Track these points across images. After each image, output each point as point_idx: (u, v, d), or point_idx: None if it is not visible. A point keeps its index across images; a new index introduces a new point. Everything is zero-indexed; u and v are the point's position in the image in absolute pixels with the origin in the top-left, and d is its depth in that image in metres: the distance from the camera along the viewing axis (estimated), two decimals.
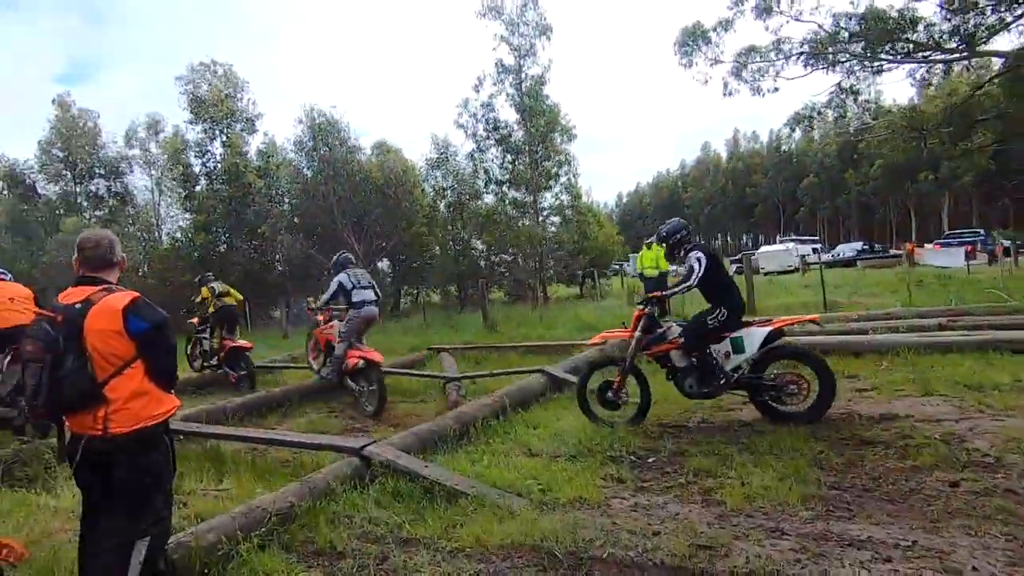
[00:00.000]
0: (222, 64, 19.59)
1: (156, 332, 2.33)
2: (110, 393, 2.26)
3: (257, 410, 6.62)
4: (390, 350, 11.45)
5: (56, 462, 4.55)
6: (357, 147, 18.11)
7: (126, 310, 2.28)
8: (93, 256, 2.40)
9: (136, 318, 2.29)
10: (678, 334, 4.69)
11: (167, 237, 22.67)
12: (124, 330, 2.28)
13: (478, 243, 20.76)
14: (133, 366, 2.31)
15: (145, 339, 2.31)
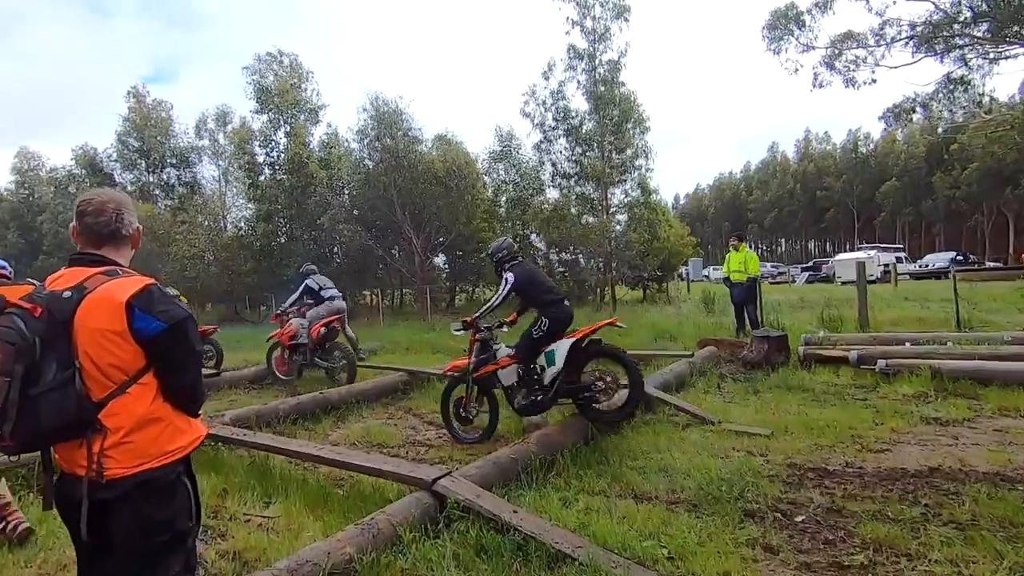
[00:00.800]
0: (288, 54, 19.69)
1: (175, 334, 1.61)
2: (108, 420, 1.55)
3: (311, 412, 6.03)
4: (449, 350, 10.81)
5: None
6: (420, 138, 17.67)
7: (131, 303, 1.57)
8: (94, 225, 1.70)
9: (146, 315, 1.58)
10: (508, 354, 4.90)
11: (232, 226, 23.06)
12: (129, 330, 1.57)
13: (538, 241, 19.92)
14: (142, 382, 1.61)
15: (159, 344, 1.58)
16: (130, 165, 24.93)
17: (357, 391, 6.61)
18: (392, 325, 15.58)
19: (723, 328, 9.80)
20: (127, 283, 1.61)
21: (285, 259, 19.77)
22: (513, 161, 18.35)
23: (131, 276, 1.66)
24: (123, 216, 1.76)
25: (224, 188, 25.04)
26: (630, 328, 11.06)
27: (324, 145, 20.68)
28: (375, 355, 10.57)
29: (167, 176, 25.74)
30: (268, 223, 19.90)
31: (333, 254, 20.90)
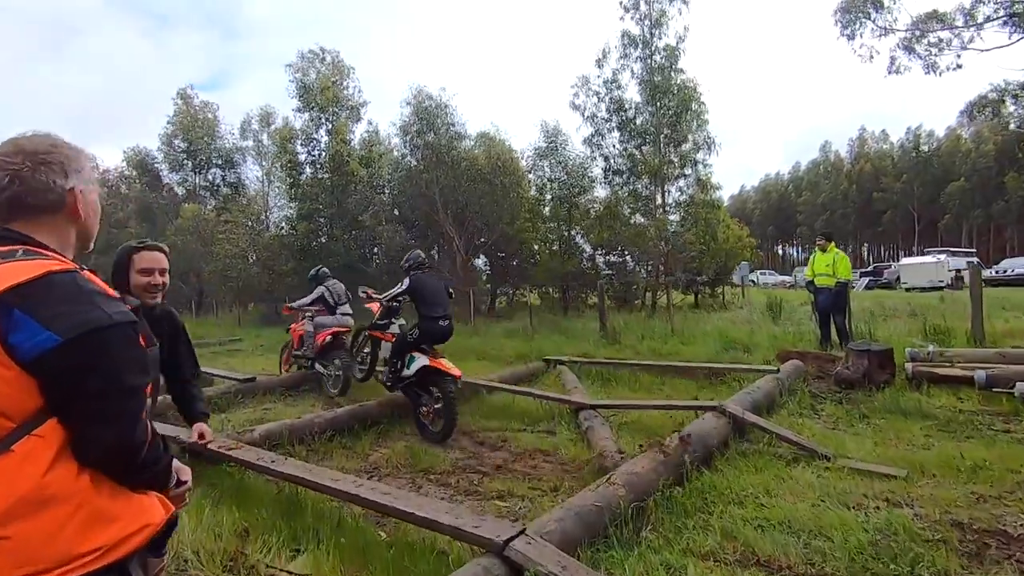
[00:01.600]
0: (329, 51, 19.46)
1: (78, 353, 0.94)
2: None
3: (349, 427, 5.40)
4: (495, 357, 10.09)
5: None
6: (463, 133, 17.06)
7: (7, 300, 0.91)
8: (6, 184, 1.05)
9: (31, 320, 0.89)
10: (394, 333, 6.01)
11: (274, 226, 23.06)
12: (2, 346, 0.90)
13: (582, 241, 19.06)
14: (36, 434, 0.93)
15: (51, 369, 0.94)
16: (177, 166, 25.31)
17: (400, 402, 5.93)
18: None
19: (803, 339, 8.76)
20: (16, 269, 0.93)
21: (325, 259, 19.50)
22: (559, 158, 17.55)
23: (38, 260, 0.98)
24: (51, 169, 1.08)
25: (267, 188, 25.14)
26: (692, 336, 10.14)
27: (365, 143, 20.36)
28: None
29: (212, 177, 26.03)
30: (309, 222, 19.69)
31: (372, 254, 20.54)
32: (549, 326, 12.84)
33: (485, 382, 6.63)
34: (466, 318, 15.91)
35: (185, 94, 25.47)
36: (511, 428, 5.68)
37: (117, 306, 1.04)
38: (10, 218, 1.06)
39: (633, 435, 5.08)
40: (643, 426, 5.35)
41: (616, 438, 4.77)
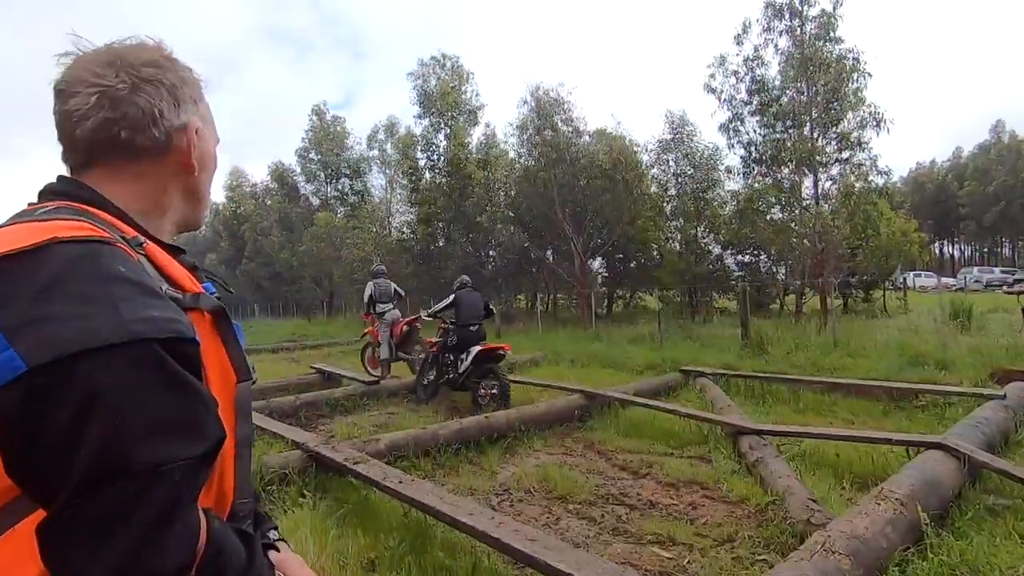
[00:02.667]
0: (450, 57, 19.81)
1: (59, 395, 0.46)
2: None
3: (475, 440, 4.96)
4: (621, 365, 9.29)
5: None
6: (583, 129, 16.41)
7: None
8: (64, 122, 0.65)
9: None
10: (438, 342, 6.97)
11: (395, 231, 24.03)
12: None
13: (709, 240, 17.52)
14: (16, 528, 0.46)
15: (14, 423, 0.46)
16: (311, 177, 27.36)
17: (527, 416, 5.41)
18: (551, 332, 14.47)
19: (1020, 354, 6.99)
20: (8, 235, 0.44)
21: (443, 262, 19.87)
22: (686, 150, 16.24)
23: (56, 221, 0.49)
24: (135, 96, 0.60)
25: (390, 195, 26.34)
26: (860, 347, 8.60)
27: (482, 145, 20.48)
28: (538, 366, 9.46)
29: (342, 186, 27.81)
30: (427, 226, 20.16)
31: (489, 257, 20.57)
32: (677, 332, 11.75)
33: (620, 395, 5.90)
34: (586, 322, 15.22)
35: (319, 110, 27.51)
36: (655, 451, 4.92)
37: (157, 308, 0.53)
38: (90, 161, 0.67)
39: (817, 472, 4.10)
40: (826, 460, 4.33)
41: (798, 476, 3.84)
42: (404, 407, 6.99)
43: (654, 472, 4.44)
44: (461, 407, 6.74)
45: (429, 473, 4.41)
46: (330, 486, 3.87)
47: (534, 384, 6.98)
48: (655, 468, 4.50)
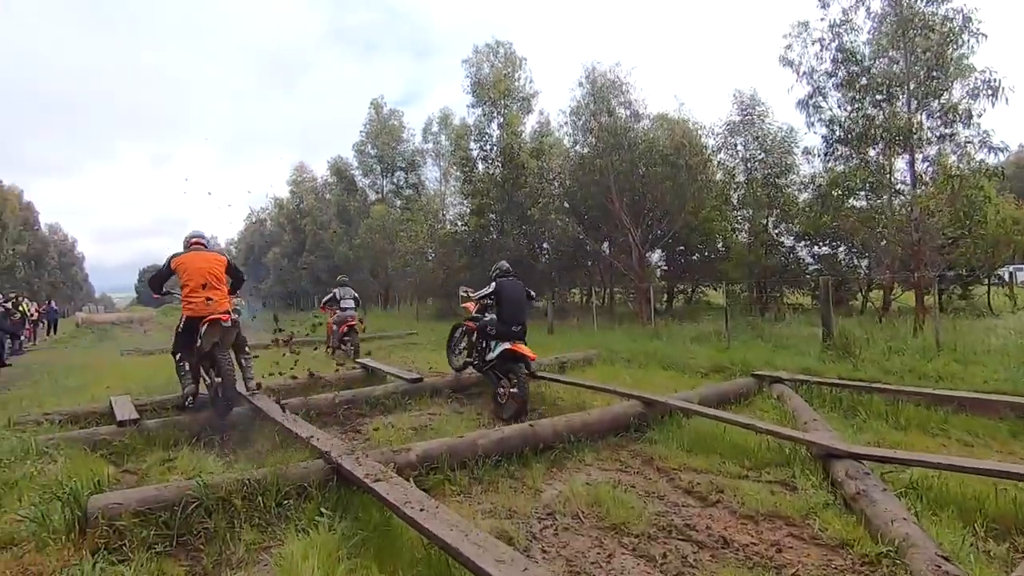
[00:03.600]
0: (503, 44, 19.30)
1: None
2: None
3: (518, 452, 4.43)
4: (683, 367, 8.47)
5: None
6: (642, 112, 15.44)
7: None
8: None
9: None
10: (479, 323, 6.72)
11: (449, 223, 23.90)
12: None
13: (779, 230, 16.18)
14: None
15: None
16: (368, 171, 27.67)
17: (577, 424, 4.82)
18: (606, 329, 13.73)
19: None
20: None
21: (495, 254, 19.46)
22: (756, 132, 14.97)
23: None
24: None
25: (443, 187, 26.23)
26: (971, 352, 7.43)
27: (536, 134, 19.89)
28: (591, 366, 8.83)
29: (397, 179, 27.99)
30: (480, 217, 19.82)
31: (542, 249, 19.99)
32: (746, 331, 10.77)
33: (683, 403, 5.20)
34: (644, 319, 14.38)
35: (376, 104, 27.74)
36: (726, 471, 4.22)
37: None
38: None
39: (939, 514, 3.30)
40: (947, 496, 3.51)
41: (916, 519, 3.07)
42: (447, 407, 6.57)
43: (726, 499, 3.76)
44: None
45: (465, 489, 3.93)
46: (352, 503, 3.45)
47: (586, 386, 6.36)
48: (727, 494, 3.82)
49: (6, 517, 3.25)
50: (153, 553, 2.86)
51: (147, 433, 4.92)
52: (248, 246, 55.69)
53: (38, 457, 4.33)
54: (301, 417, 5.34)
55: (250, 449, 4.82)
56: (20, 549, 2.90)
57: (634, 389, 6.09)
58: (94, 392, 7.73)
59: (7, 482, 3.81)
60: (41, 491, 3.52)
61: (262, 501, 3.24)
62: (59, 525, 2.96)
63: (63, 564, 2.73)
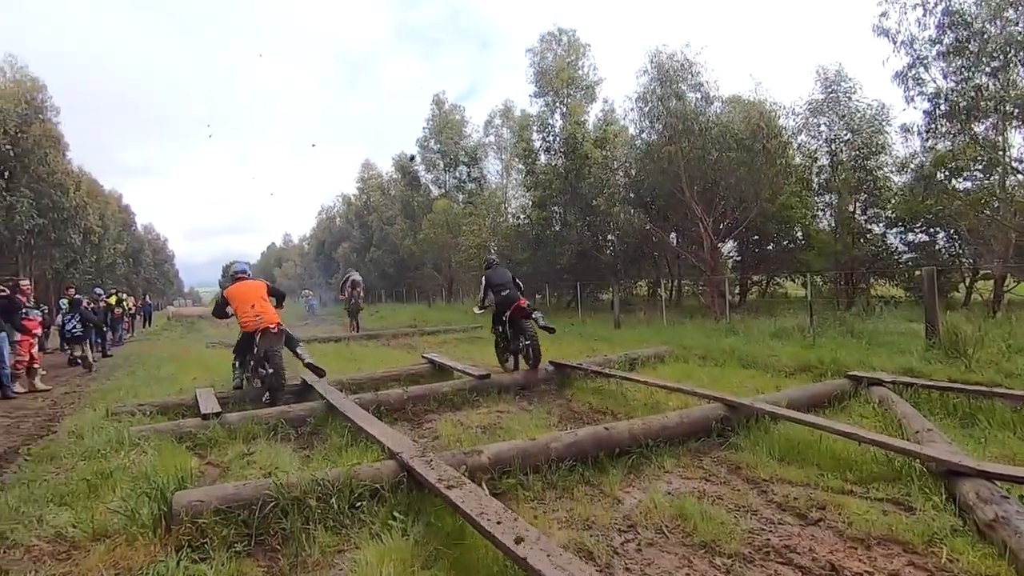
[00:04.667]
0: (566, 31, 18.89)
1: None
2: None
3: (593, 456, 4.20)
4: (765, 365, 7.90)
5: None
6: (713, 95, 14.58)
7: None
8: None
9: None
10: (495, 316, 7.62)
11: (511, 216, 23.81)
12: None
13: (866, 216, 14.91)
14: None
15: None
16: (431, 166, 28.05)
17: (655, 428, 4.53)
18: (676, 324, 13.17)
19: None
20: None
21: (558, 247, 19.18)
22: (842, 111, 13.80)
23: None
24: None
25: (505, 180, 26.17)
26: None
27: (600, 122, 19.36)
28: (663, 363, 8.43)
29: (459, 174, 28.22)
30: (542, 210, 19.57)
31: (607, 241, 19.50)
32: (833, 326, 9.97)
33: (771, 407, 4.78)
34: (716, 312, 13.70)
35: (439, 100, 28.04)
36: (825, 485, 3.81)
37: None
38: None
39: None
40: None
41: None
42: (514, 405, 6.43)
43: (829, 517, 3.38)
44: (578, 411, 6.03)
45: (539, 495, 3.75)
46: (425, 507, 3.35)
47: (660, 386, 6.01)
48: (830, 511, 3.43)
49: (101, 508, 3.39)
50: (233, 553, 2.88)
51: (228, 426, 5.08)
52: (319, 242, 58.16)
53: (131, 448, 4.55)
54: (372, 412, 5.37)
55: (324, 445, 4.87)
56: (112, 542, 2.99)
57: (714, 390, 5.70)
58: (182, 383, 8.18)
59: (103, 472, 4.00)
60: (132, 483, 3.65)
61: (336, 503, 3.20)
62: (147, 520, 3.04)
63: (150, 560, 2.78)
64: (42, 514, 3.41)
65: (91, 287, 18.67)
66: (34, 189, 23.10)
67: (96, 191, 36.30)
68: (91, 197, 31.97)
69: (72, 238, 27.01)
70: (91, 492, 3.72)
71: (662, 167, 14.61)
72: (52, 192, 24.33)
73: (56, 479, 4.07)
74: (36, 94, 24.05)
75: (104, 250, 35.09)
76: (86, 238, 29.93)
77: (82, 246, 29.32)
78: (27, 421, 6.64)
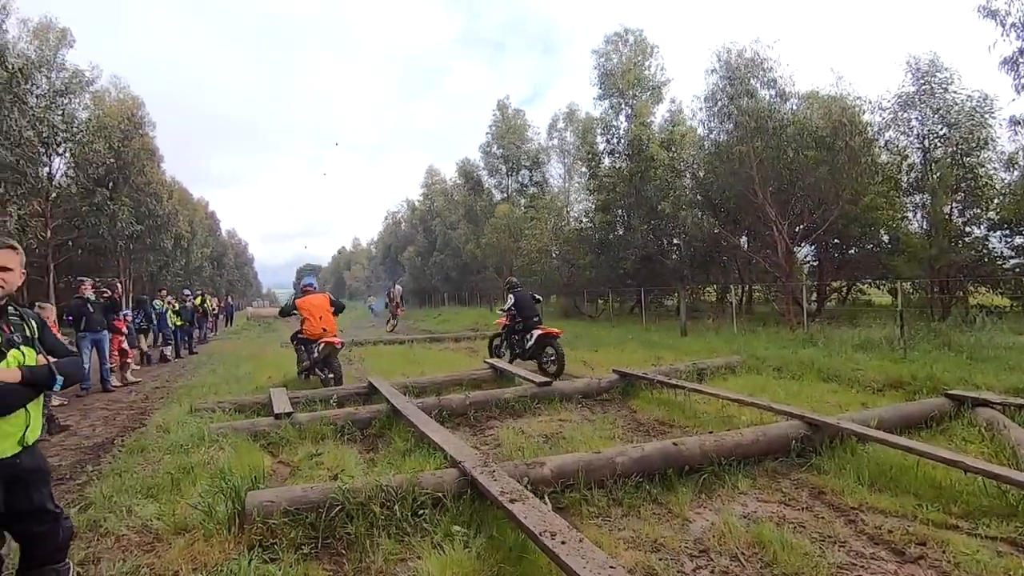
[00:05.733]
0: (633, 31, 18.50)
1: None
2: None
3: (661, 472, 4.00)
4: (849, 380, 7.34)
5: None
6: (790, 91, 13.79)
7: None
8: None
9: None
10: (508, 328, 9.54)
11: (573, 220, 23.60)
12: None
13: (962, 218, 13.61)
14: None
15: None
16: (493, 170, 28.30)
17: (727, 445, 4.26)
18: (748, 332, 12.55)
19: None
20: None
21: (622, 251, 18.78)
22: (937, 104, 12.66)
23: None
24: None
25: (568, 184, 25.98)
26: None
27: (666, 123, 18.82)
28: (735, 374, 8.02)
29: (522, 178, 28.30)
30: (606, 213, 19.24)
31: (673, 245, 18.90)
32: (927, 338, 9.14)
33: (857, 427, 4.40)
34: (792, 320, 12.93)
35: (502, 105, 28.28)
36: (925, 517, 3.43)
37: None
38: None
39: None
40: None
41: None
42: (576, 414, 6.29)
43: (931, 555, 3.04)
44: (644, 423, 5.81)
45: (603, 511, 3.61)
46: (487, 518, 3.30)
47: (733, 400, 5.67)
48: (931, 548, 3.09)
49: (182, 503, 3.56)
50: (300, 555, 2.93)
51: (299, 426, 5.25)
52: (386, 246, 60.13)
53: (210, 444, 4.79)
54: (434, 417, 5.39)
55: (388, 448, 4.93)
56: (192, 536, 3.13)
57: (793, 405, 5.33)
58: (258, 381, 8.61)
59: (185, 467, 4.22)
60: (210, 480, 3.83)
61: (399, 510, 3.20)
62: (222, 517, 3.16)
63: (225, 557, 2.88)
64: (131, 505, 3.62)
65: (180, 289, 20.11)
66: (133, 198, 25.22)
67: (186, 199, 39.24)
68: (181, 205, 34.60)
69: (165, 243, 29.29)
70: (174, 486, 3.93)
71: (733, 168, 13.96)
72: (148, 200, 26.49)
73: (144, 471, 4.33)
74: (136, 111, 26.27)
75: (192, 254, 37.82)
76: (177, 243, 32.37)
77: (173, 250, 31.73)
78: (122, 414, 7.17)
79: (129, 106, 25.90)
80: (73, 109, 21.21)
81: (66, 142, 20.04)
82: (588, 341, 13.26)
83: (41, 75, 19.34)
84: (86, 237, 23.30)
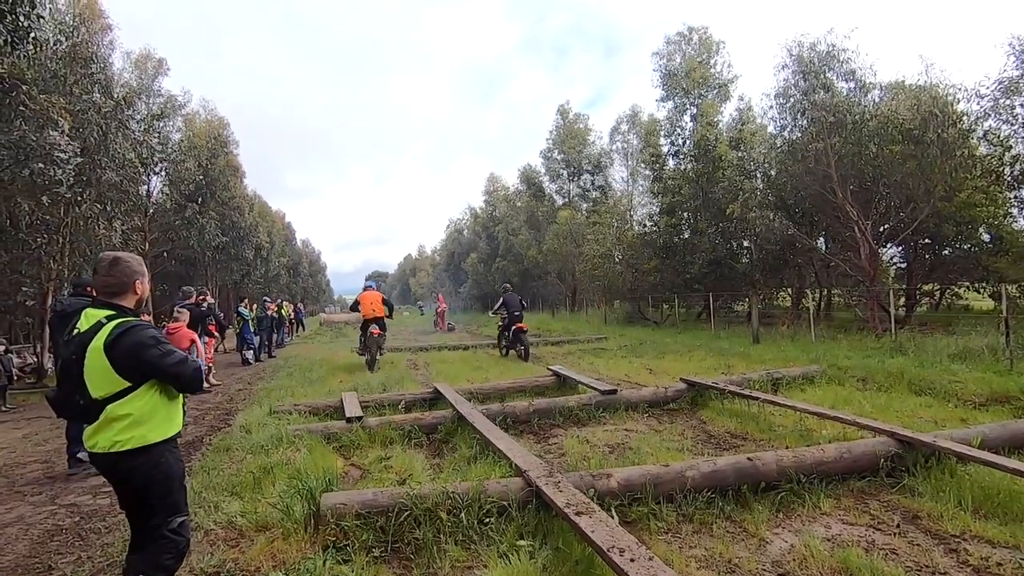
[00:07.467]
0: (697, 29, 17.93)
1: None
2: None
3: (734, 488, 3.82)
4: (944, 392, 6.75)
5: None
6: (871, 82, 12.90)
7: None
8: None
9: None
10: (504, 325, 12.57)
11: (637, 224, 23.16)
12: None
13: None
14: None
15: None
16: (554, 176, 28.26)
17: (808, 461, 4.02)
18: (827, 339, 11.81)
19: None
20: None
21: (688, 255, 18.20)
22: None
23: None
24: None
25: (631, 187, 25.54)
26: None
27: (734, 122, 18.11)
28: (813, 385, 7.55)
29: (583, 183, 28.09)
30: (671, 217, 18.73)
31: (742, 248, 18.11)
32: None
33: (957, 446, 4.02)
34: (877, 327, 12.05)
35: (563, 110, 28.24)
36: None
37: None
38: None
39: None
40: None
41: None
42: (642, 423, 6.14)
43: None
44: (715, 435, 5.58)
45: (672, 527, 3.50)
46: (553, 529, 3.27)
47: (813, 413, 5.33)
48: None
49: (263, 501, 3.76)
50: (371, 557, 3.02)
51: (369, 430, 5.43)
52: (449, 253, 61.39)
53: (288, 445, 5.05)
54: (498, 424, 5.42)
55: (454, 455, 5.00)
56: (271, 534, 3.29)
57: (881, 421, 4.96)
58: (330, 385, 9.00)
59: (265, 467, 4.46)
60: (288, 480, 4.02)
61: (465, 517, 3.23)
62: (299, 517, 3.31)
63: (302, 555, 3.01)
64: (218, 501, 3.87)
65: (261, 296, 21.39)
66: (218, 211, 27.16)
67: (265, 211, 41.79)
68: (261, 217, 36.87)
69: (246, 253, 31.30)
70: (256, 485, 4.15)
71: (808, 166, 13.20)
72: (232, 214, 28.44)
73: (229, 470, 4.62)
74: (222, 131, 28.34)
75: (271, 263, 40.18)
76: (257, 253, 34.50)
77: (253, 260, 33.84)
78: (209, 414, 7.70)
79: (216, 126, 27.97)
80: (168, 131, 23.21)
81: (162, 162, 21.90)
82: (653, 348, 12.93)
83: (140, 101, 21.30)
84: (178, 248, 25.33)
